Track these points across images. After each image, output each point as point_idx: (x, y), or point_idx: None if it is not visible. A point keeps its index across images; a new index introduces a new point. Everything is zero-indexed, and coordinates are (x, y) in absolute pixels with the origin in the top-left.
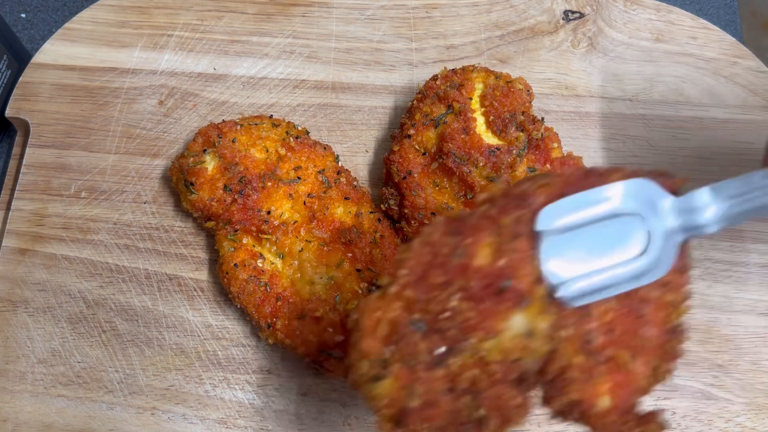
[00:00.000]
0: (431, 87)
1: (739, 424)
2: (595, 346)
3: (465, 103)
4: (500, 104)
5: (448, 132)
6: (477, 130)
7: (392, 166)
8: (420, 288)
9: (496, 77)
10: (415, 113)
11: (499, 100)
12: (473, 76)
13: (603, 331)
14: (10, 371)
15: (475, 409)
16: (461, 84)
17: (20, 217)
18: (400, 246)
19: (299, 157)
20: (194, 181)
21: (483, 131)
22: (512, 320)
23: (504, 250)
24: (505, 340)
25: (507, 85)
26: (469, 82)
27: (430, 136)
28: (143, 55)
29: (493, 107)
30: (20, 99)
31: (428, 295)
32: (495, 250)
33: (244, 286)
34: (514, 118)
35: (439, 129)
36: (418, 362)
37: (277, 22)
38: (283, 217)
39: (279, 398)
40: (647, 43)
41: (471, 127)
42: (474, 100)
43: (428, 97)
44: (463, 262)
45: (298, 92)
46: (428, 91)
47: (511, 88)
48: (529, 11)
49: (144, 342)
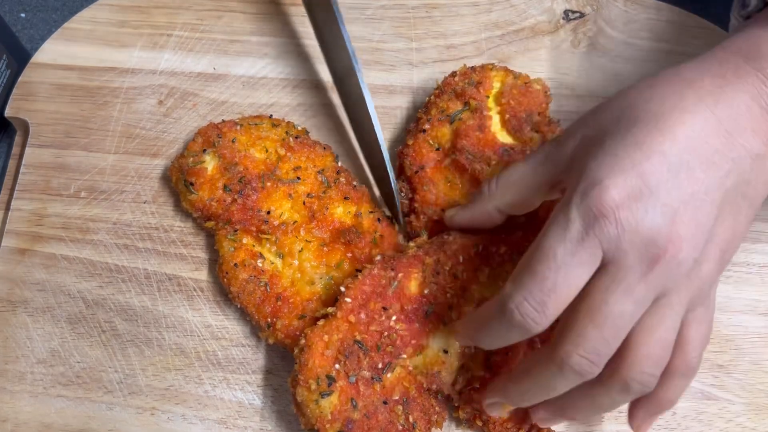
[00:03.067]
0: (449, 83)
1: (740, 425)
2: (494, 362)
3: (482, 101)
4: (517, 104)
5: (463, 129)
6: (492, 128)
7: (405, 160)
8: (362, 313)
9: (514, 77)
10: (431, 108)
11: (516, 99)
12: (492, 75)
13: (502, 353)
14: (9, 371)
15: (406, 418)
16: (479, 81)
17: (19, 217)
18: (352, 279)
19: (299, 157)
20: (194, 181)
21: (498, 130)
22: (434, 339)
23: (428, 283)
24: (429, 356)
25: (525, 85)
26: (488, 80)
27: (444, 131)
28: (143, 54)
29: (509, 106)
30: (19, 99)
31: (369, 318)
32: (421, 282)
33: (243, 285)
34: (529, 119)
35: (454, 125)
36: (359, 377)
37: (277, 22)
38: (283, 217)
39: (279, 398)
40: (647, 43)
41: (486, 125)
42: (491, 98)
43: (445, 93)
44: (398, 290)
45: (298, 92)
46: (446, 87)
47: (528, 89)
48: (529, 11)
49: (144, 342)
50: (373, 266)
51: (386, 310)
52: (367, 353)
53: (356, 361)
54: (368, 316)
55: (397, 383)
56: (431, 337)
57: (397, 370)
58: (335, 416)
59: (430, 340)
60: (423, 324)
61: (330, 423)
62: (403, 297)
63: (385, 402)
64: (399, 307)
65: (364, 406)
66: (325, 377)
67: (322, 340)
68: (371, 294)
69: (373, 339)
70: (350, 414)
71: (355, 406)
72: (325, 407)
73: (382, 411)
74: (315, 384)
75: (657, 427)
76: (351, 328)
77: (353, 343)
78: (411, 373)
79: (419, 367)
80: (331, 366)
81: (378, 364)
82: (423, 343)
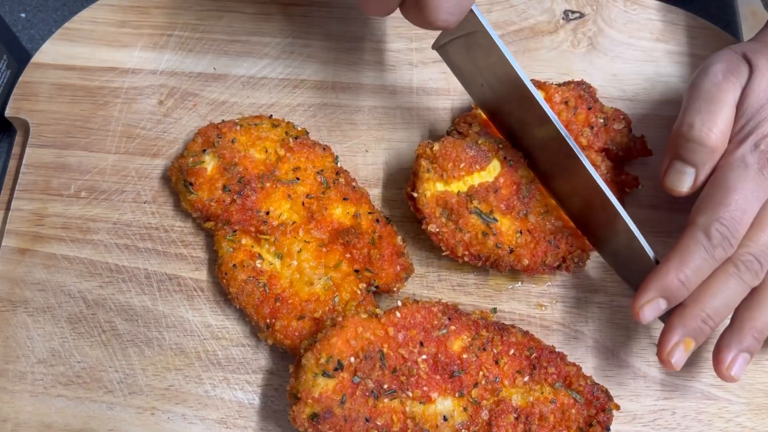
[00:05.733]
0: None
1: (740, 424)
2: None
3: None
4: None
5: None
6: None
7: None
8: (401, 332)
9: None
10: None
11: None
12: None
13: None
14: (9, 371)
15: None
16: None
17: (20, 217)
18: (408, 301)
19: (298, 158)
20: (193, 181)
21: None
22: (442, 401)
23: (470, 351)
24: (428, 412)
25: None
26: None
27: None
28: (143, 54)
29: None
30: (20, 99)
31: (404, 341)
32: (465, 346)
33: (242, 286)
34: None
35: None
36: (362, 383)
37: (277, 22)
38: (282, 217)
39: (279, 398)
40: (647, 43)
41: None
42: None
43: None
44: (442, 338)
45: (298, 92)
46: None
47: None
48: (529, 11)
49: (144, 342)
50: (435, 304)
51: (422, 346)
52: (383, 368)
53: (370, 367)
54: (404, 339)
55: (388, 412)
56: (441, 397)
57: (396, 402)
58: (321, 398)
59: (438, 399)
60: (443, 380)
61: (313, 400)
62: (443, 347)
63: (367, 420)
64: (434, 352)
65: (349, 408)
66: (337, 361)
67: (355, 329)
68: (419, 324)
69: (396, 361)
70: (334, 406)
71: (342, 403)
72: (319, 384)
73: (360, 425)
74: (325, 360)
75: (657, 427)
76: (385, 337)
77: (377, 351)
78: (405, 414)
79: (415, 415)
80: (347, 355)
81: (385, 384)
82: (432, 396)
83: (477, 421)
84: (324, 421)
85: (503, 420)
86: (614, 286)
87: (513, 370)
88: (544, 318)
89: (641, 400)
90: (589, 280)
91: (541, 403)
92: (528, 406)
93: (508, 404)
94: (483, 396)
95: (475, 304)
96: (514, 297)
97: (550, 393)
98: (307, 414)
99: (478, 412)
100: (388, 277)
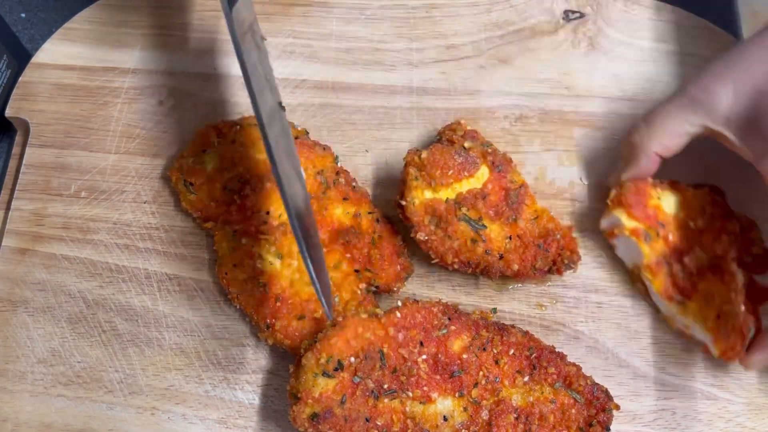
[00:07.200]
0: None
1: (740, 424)
2: None
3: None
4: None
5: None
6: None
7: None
8: (401, 332)
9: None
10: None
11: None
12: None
13: None
14: (9, 371)
15: None
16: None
17: (20, 217)
18: (411, 300)
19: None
20: (194, 181)
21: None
22: (442, 400)
23: (470, 351)
24: (428, 412)
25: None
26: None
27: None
28: (143, 54)
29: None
30: (20, 99)
31: (404, 341)
32: (465, 346)
33: (242, 286)
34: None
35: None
36: (363, 383)
37: (277, 22)
38: (282, 217)
39: (279, 398)
40: (647, 43)
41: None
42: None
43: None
44: (442, 338)
45: (298, 92)
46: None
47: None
48: (529, 11)
49: (144, 342)
50: (436, 304)
51: (422, 346)
52: (383, 368)
53: (370, 367)
54: (404, 339)
55: (388, 412)
56: (441, 397)
57: (396, 402)
58: (321, 398)
59: (438, 399)
60: (444, 380)
61: (313, 400)
62: (443, 347)
63: (368, 420)
64: (434, 352)
65: (349, 408)
66: (337, 361)
67: (355, 329)
68: (419, 324)
69: (396, 361)
70: (334, 406)
71: (342, 403)
72: (319, 384)
73: (360, 425)
74: (325, 359)
75: (657, 427)
76: (385, 337)
77: (378, 351)
78: (405, 414)
79: (415, 415)
80: (347, 355)
81: (385, 384)
82: (432, 396)
83: (477, 421)
84: (324, 421)
85: (503, 420)
86: (614, 286)
87: (513, 370)
88: (544, 318)
89: (641, 400)
90: (589, 280)
91: (541, 403)
92: (528, 406)
93: (508, 404)
94: (483, 396)
95: (475, 304)
96: (514, 297)
97: (550, 393)
98: (307, 414)
99: (478, 412)
100: (389, 277)
